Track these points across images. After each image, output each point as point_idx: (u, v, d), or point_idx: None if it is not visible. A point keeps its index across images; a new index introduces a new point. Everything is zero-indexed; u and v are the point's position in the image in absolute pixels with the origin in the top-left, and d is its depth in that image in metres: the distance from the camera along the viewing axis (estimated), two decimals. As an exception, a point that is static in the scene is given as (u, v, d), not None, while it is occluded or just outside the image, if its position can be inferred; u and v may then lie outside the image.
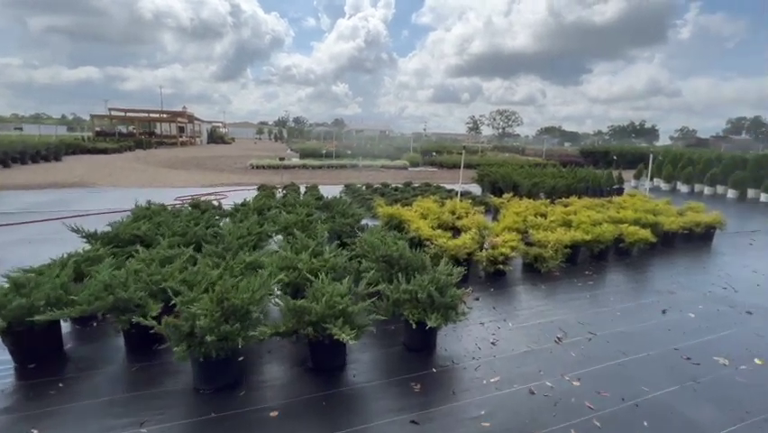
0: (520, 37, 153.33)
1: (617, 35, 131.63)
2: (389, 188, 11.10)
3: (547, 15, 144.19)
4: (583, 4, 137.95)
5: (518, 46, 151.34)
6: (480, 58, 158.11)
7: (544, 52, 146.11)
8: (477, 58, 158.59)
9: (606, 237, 5.33)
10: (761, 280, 4.83)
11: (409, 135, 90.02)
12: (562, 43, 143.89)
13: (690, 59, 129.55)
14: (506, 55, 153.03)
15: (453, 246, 4.48)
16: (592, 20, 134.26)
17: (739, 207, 10.94)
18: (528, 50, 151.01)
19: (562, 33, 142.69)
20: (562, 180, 9.89)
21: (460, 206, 6.92)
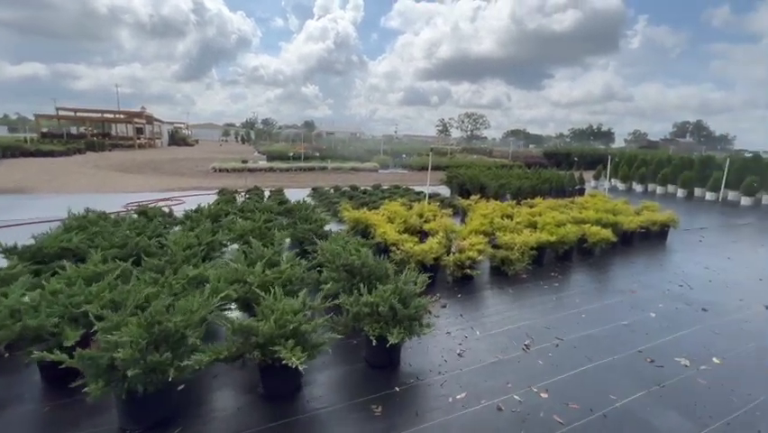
0: (486, 43, 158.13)
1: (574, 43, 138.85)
2: (358, 192, 10.88)
3: (510, 23, 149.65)
4: (543, 12, 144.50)
5: (484, 51, 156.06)
6: (448, 62, 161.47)
7: (509, 58, 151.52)
8: (445, 62, 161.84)
9: (570, 238, 5.38)
10: (712, 276, 5.02)
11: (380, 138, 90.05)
12: (524, 49, 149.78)
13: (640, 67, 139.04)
14: (472, 60, 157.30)
15: (420, 252, 4.32)
16: (552, 28, 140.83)
17: (688, 206, 11.61)
18: (494, 56, 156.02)
19: (524, 40, 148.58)
20: (528, 182, 10.07)
21: (427, 209, 6.81)
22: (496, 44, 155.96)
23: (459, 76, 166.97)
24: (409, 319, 2.68)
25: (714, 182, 12.89)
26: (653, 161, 15.27)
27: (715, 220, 9.21)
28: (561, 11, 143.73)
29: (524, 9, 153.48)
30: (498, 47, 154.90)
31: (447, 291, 4.23)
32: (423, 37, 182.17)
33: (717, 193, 12.76)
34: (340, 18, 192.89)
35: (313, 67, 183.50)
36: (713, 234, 7.54)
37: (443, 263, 4.50)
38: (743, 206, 11.74)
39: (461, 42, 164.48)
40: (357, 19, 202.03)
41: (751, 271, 5.26)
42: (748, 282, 4.83)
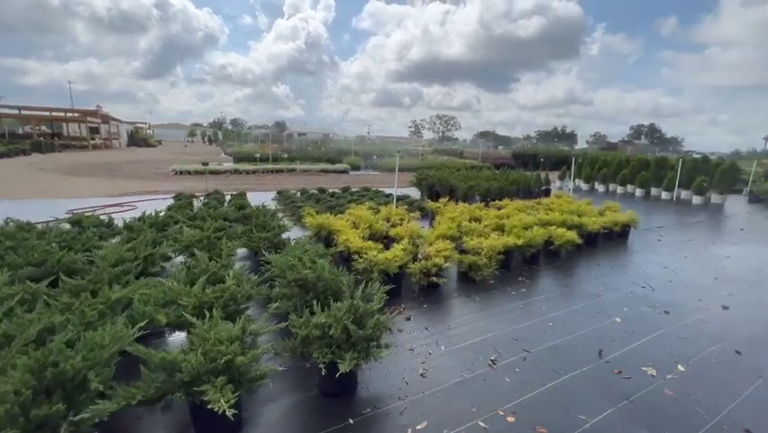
0: (455, 46, 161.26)
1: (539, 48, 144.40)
2: (326, 194, 10.52)
3: (478, 27, 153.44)
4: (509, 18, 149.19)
5: (454, 54, 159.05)
6: (419, 64, 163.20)
7: (478, 61, 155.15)
8: (416, 64, 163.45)
9: (537, 241, 5.33)
10: (671, 276, 5.11)
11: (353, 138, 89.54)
12: (492, 53, 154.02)
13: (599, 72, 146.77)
14: (443, 62, 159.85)
15: (384, 260, 4.08)
16: (518, 34, 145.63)
17: (645, 205, 12.10)
18: (463, 59, 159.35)
19: (492, 44, 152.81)
20: (496, 183, 10.11)
21: (395, 212, 6.60)
22: (465, 48, 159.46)
23: (430, 78, 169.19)
24: (366, 340, 2.43)
25: (668, 182, 13.54)
26: (614, 162, 15.89)
27: (670, 219, 9.60)
28: (526, 17, 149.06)
29: (491, 14, 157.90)
30: (467, 50, 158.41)
31: (412, 301, 4.02)
32: (394, 39, 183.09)
33: (672, 192, 13.41)
34: (311, 18, 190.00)
35: (283, 66, 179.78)
36: (670, 233, 7.81)
37: (409, 271, 4.29)
38: (694, 204, 12.38)
39: (432, 45, 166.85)
40: (328, 19, 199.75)
41: (706, 270, 5.41)
42: (704, 282, 4.94)
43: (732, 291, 4.58)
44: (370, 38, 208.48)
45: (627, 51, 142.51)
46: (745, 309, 4.05)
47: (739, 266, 5.64)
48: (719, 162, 13.66)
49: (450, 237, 5.32)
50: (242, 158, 24.27)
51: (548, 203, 8.32)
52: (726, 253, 6.40)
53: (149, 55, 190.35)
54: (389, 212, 6.62)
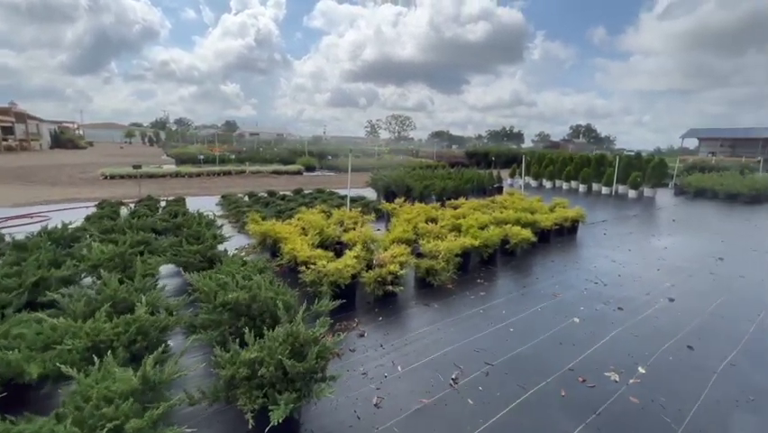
0: (408, 47, 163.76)
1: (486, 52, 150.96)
2: (276, 198, 9.88)
3: (429, 30, 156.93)
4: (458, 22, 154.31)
5: (407, 56, 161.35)
6: (373, 65, 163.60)
7: (430, 63, 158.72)
8: (370, 65, 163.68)
9: (493, 241, 5.22)
10: (620, 269, 5.24)
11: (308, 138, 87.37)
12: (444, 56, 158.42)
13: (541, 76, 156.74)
14: (396, 63, 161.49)
15: (334, 270, 3.69)
16: (466, 37, 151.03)
17: (588, 200, 12.78)
18: (416, 60, 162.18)
19: (442, 47, 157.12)
20: (451, 182, 10.08)
21: (348, 216, 6.22)
22: (417, 50, 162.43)
23: (385, 78, 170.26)
24: (307, 374, 2.04)
25: (607, 178, 14.45)
26: (558, 159, 16.71)
27: (612, 212, 10.14)
28: (473, 21, 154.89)
29: (440, 18, 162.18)
30: (419, 52, 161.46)
31: (367, 314, 3.67)
32: (347, 39, 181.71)
33: (611, 187, 14.32)
34: (260, 14, 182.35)
35: (232, 64, 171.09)
36: (613, 227, 8.19)
37: (363, 280, 3.94)
38: (630, 198, 13.30)
39: (385, 46, 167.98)
40: (279, 16, 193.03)
41: (649, 263, 5.63)
42: (649, 274, 5.11)
43: (674, 283, 4.75)
44: (323, 37, 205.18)
45: (564, 57, 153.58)
46: (688, 301, 4.19)
47: (676, 257, 5.95)
48: (650, 159, 14.82)
49: (406, 241, 5.05)
50: (186, 160, 22.52)
51: (502, 201, 8.39)
52: (663, 244, 6.77)
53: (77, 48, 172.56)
54: (343, 215, 6.23)
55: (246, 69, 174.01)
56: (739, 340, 3.30)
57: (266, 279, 3.07)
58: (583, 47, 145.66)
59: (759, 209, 11.30)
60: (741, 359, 2.98)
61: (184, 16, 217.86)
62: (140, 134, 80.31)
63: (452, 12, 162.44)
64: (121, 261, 3.38)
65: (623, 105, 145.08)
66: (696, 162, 21.92)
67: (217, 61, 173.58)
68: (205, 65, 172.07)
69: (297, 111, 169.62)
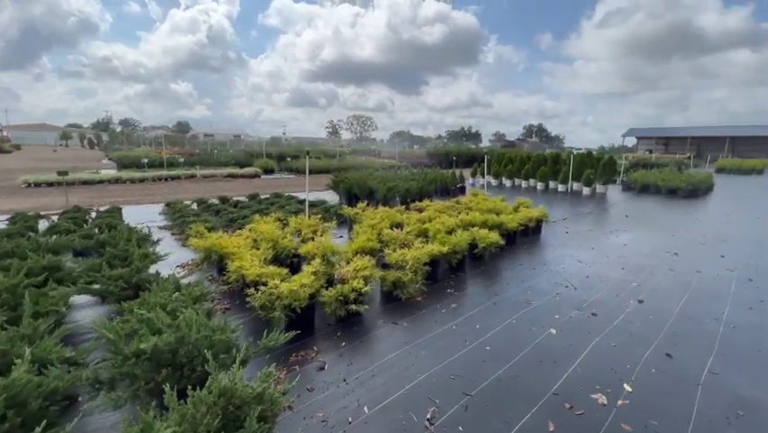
0: (367, 48, 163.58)
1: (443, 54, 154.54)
2: (228, 204, 9.09)
3: (387, 31, 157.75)
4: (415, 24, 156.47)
5: (366, 56, 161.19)
6: (333, 65, 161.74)
7: (389, 64, 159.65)
8: (329, 65, 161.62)
9: (462, 246, 4.96)
10: (587, 270, 5.20)
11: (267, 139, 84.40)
12: (402, 57, 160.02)
13: (495, 78, 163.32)
14: (356, 64, 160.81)
15: (288, 291, 3.21)
16: (423, 39, 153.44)
17: (547, 197, 13.11)
18: (375, 61, 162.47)
19: (401, 48, 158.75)
20: (415, 184, 9.84)
21: (307, 224, 5.72)
22: (376, 50, 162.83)
23: (344, 79, 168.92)
24: (247, 445, 1.57)
25: (563, 176, 14.97)
26: (517, 158, 17.12)
27: (570, 210, 10.40)
28: (430, 24, 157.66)
29: (398, 19, 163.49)
30: (378, 53, 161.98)
31: (328, 340, 3.23)
32: (305, 38, 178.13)
33: (566, 185, 14.85)
34: (212, 10, 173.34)
35: (183, 61, 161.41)
36: (573, 224, 8.32)
37: (323, 300, 3.49)
38: (584, 195, 13.83)
39: (344, 46, 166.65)
40: (233, 13, 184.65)
41: (612, 261, 5.66)
42: (614, 274, 5.09)
43: (639, 282, 4.75)
44: (280, 36, 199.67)
45: (516, 61, 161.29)
46: (655, 301, 4.15)
47: (636, 254, 6.05)
48: (600, 157, 15.55)
49: (370, 251, 4.66)
50: (129, 164, 20.65)
51: (467, 202, 8.25)
52: (622, 241, 6.91)
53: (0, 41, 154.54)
54: (300, 223, 5.71)
55: (198, 67, 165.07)
56: (712, 343, 3.24)
57: (202, 310, 2.55)
58: (533, 51, 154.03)
59: (696, 203, 12.14)
60: (719, 366, 2.89)
61: (127, 10, 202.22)
62: (78, 136, 73.49)
63: (408, 14, 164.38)
64: (11, 296, 2.68)
65: (569, 107, 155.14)
66: (639, 159, 23.49)
67: (166, 58, 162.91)
68: (152, 62, 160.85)
69: (255, 111, 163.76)
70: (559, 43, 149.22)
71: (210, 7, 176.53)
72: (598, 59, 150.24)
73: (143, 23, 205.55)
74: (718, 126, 48.87)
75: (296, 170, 22.77)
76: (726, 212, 10.25)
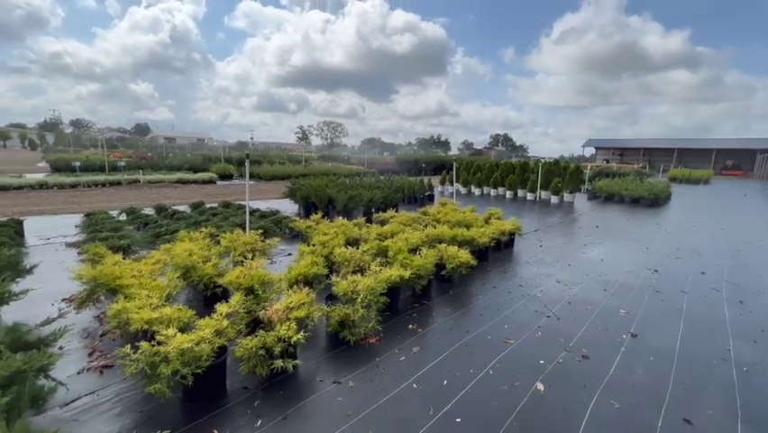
0: (337, 55, 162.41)
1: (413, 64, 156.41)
2: (164, 214, 7.87)
3: (357, 39, 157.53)
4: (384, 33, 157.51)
5: (336, 63, 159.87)
6: (303, 70, 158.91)
7: (360, 71, 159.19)
8: (299, 70, 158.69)
9: (428, 268, 4.19)
10: (567, 293, 4.57)
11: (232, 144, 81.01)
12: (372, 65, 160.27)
13: (463, 89, 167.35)
14: (326, 70, 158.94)
15: (177, 350, 2.25)
16: (393, 48, 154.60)
17: (516, 206, 12.76)
18: (346, 68, 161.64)
19: (371, 57, 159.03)
20: (380, 192, 9.03)
21: (243, 241, 4.73)
22: (346, 57, 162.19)
23: (315, 84, 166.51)
24: None
25: (532, 184, 14.77)
26: (486, 166, 16.83)
27: (541, 220, 9.99)
28: (399, 33, 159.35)
29: (367, 28, 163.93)
30: (348, 60, 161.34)
31: (240, 417, 2.30)
32: (274, 43, 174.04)
33: (535, 193, 14.65)
34: (176, 10, 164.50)
35: (144, 61, 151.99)
36: (546, 236, 7.83)
37: (240, 354, 2.56)
38: (553, 203, 13.64)
39: (314, 52, 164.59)
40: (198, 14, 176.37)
41: (592, 280, 5.11)
42: (597, 296, 4.51)
43: (626, 309, 4.17)
44: (248, 39, 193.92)
45: (482, 72, 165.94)
46: (650, 335, 3.55)
47: (615, 271, 5.54)
48: (566, 165, 15.53)
49: (314, 278, 3.76)
50: (63, 167, 18.43)
51: (435, 212, 7.55)
52: (598, 255, 6.44)
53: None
54: (235, 241, 4.71)
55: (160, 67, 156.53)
56: (731, 398, 2.62)
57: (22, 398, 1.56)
58: (497, 64, 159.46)
59: (660, 212, 12.21)
60: (750, 434, 2.25)
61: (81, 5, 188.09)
62: (19, 137, 67.06)
63: (377, 23, 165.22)
64: None
65: (532, 118, 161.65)
66: (601, 168, 24.11)
67: (125, 57, 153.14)
68: (110, 61, 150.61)
69: (222, 115, 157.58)
70: (521, 58, 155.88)
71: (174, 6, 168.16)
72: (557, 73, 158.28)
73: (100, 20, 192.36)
74: (666, 138, 52.46)
75: (256, 175, 21.38)
76: (692, 222, 10.24)
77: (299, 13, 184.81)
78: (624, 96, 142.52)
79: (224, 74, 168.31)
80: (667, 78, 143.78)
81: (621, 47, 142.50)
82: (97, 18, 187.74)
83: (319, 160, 38.90)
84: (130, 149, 43.74)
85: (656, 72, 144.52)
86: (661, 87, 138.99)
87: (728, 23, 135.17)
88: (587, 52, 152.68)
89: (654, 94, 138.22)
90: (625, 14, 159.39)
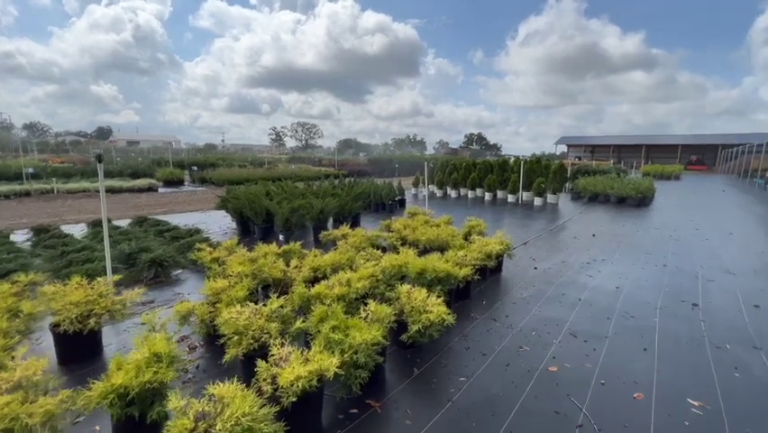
0: (308, 56, 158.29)
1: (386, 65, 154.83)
2: (42, 237, 5.80)
3: (327, 39, 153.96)
4: (355, 34, 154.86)
5: (308, 63, 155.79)
6: (274, 71, 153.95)
7: (333, 72, 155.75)
8: (270, 70, 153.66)
9: (373, 345, 2.48)
10: (593, 360, 3.00)
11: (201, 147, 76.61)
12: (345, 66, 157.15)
13: (436, 89, 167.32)
14: (298, 71, 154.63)
15: None
16: (364, 49, 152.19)
17: (496, 210, 11.30)
18: (318, 68, 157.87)
19: (342, 57, 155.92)
20: (334, 201, 7.25)
21: (73, 299, 2.86)
22: (318, 58, 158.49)
23: (287, 85, 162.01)
24: None
25: (512, 185, 13.42)
26: (462, 165, 15.39)
27: (528, 229, 8.53)
28: (370, 34, 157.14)
29: (337, 29, 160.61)
30: (320, 60, 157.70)
31: None
32: (244, 43, 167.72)
33: (516, 195, 13.31)
34: (140, 9, 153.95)
35: (105, 62, 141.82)
36: (539, 252, 6.33)
37: None
38: (536, 206, 12.31)
39: (285, 53, 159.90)
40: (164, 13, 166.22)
41: (621, 329, 3.57)
42: (641, 365, 2.97)
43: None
44: (215, 39, 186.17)
45: (454, 74, 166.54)
46: None
47: (643, 308, 4.05)
48: (549, 163, 14.31)
49: (146, 395, 1.97)
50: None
51: (400, 227, 5.88)
52: (610, 281, 4.95)
53: None
54: (62, 299, 2.83)
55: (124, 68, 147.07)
56: None
57: None
58: (467, 66, 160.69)
59: (650, 212, 11.10)
60: None
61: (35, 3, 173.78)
62: (-45, 142, 60.70)
63: (347, 23, 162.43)
64: None
65: (503, 117, 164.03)
66: (580, 166, 23.33)
67: (84, 58, 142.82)
68: (68, 61, 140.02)
69: (192, 117, 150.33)
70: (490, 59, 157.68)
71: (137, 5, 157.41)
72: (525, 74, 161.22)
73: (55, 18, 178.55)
74: (633, 135, 53.53)
75: (210, 180, 19.10)
76: (691, 224, 9.08)
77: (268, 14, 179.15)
78: (588, 95, 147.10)
79: (193, 75, 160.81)
80: (627, 78, 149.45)
81: (583, 49, 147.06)
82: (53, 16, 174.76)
83: (290, 162, 36.57)
84: (84, 153, 40.18)
85: (617, 73, 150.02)
86: (622, 86, 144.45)
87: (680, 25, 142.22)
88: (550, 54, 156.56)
89: (616, 93, 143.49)
90: (584, 17, 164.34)
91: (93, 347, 2.75)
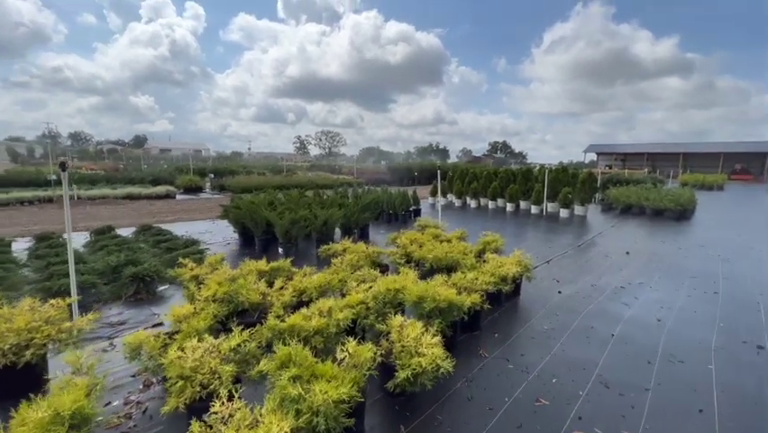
0: (333, 66, 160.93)
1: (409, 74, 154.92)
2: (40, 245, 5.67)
3: (351, 50, 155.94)
4: (378, 44, 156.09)
5: (332, 74, 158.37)
6: (300, 81, 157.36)
7: (356, 82, 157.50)
8: (296, 81, 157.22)
9: (350, 395, 1.97)
10: (634, 421, 2.35)
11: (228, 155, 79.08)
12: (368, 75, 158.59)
13: (460, 97, 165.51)
14: (322, 81, 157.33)
15: None
16: (387, 59, 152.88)
17: (518, 222, 10.56)
18: (342, 78, 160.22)
19: (365, 67, 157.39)
20: (338, 213, 6.81)
21: (18, 326, 2.52)
22: (342, 68, 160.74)
23: (312, 95, 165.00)
24: None
25: (536, 195, 12.59)
26: (482, 174, 14.69)
27: (553, 245, 7.79)
28: (393, 44, 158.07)
29: (361, 39, 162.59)
30: (344, 71, 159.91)
31: None
32: (271, 55, 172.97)
33: (540, 206, 12.46)
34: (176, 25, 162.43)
35: (144, 75, 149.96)
36: (564, 273, 5.63)
37: None
38: (562, 218, 11.45)
39: (310, 63, 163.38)
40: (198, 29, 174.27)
41: (667, 380, 2.90)
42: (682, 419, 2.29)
43: None
44: (245, 52, 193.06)
45: (477, 82, 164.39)
46: None
47: (695, 352, 3.33)
48: (577, 172, 13.39)
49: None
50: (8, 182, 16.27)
51: (407, 242, 5.36)
52: (650, 311, 4.22)
53: None
54: (8, 321, 2.49)
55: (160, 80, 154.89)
56: None
57: None
58: (490, 74, 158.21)
59: (692, 228, 10.02)
60: None
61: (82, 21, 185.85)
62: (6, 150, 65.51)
63: (370, 34, 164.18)
64: None
65: (529, 125, 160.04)
66: (612, 175, 22.02)
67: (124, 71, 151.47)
68: (110, 74, 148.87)
69: (221, 126, 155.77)
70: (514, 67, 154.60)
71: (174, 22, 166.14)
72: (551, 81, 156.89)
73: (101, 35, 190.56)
74: (669, 143, 50.51)
75: (228, 188, 19.24)
76: (743, 243, 8.03)
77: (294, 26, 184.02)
78: (619, 102, 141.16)
79: (223, 86, 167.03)
80: (660, 84, 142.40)
81: (612, 54, 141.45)
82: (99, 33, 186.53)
83: (309, 169, 36.79)
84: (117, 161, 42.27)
85: (649, 79, 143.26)
86: (655, 93, 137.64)
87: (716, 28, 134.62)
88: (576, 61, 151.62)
89: (649, 100, 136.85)
90: (613, 23, 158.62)
91: (28, 383, 2.39)
